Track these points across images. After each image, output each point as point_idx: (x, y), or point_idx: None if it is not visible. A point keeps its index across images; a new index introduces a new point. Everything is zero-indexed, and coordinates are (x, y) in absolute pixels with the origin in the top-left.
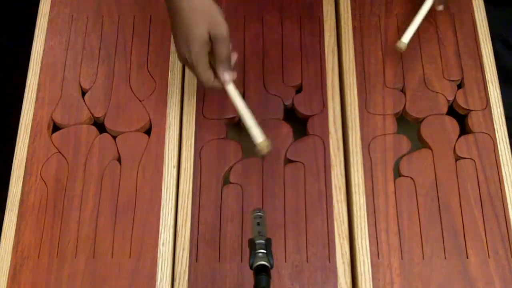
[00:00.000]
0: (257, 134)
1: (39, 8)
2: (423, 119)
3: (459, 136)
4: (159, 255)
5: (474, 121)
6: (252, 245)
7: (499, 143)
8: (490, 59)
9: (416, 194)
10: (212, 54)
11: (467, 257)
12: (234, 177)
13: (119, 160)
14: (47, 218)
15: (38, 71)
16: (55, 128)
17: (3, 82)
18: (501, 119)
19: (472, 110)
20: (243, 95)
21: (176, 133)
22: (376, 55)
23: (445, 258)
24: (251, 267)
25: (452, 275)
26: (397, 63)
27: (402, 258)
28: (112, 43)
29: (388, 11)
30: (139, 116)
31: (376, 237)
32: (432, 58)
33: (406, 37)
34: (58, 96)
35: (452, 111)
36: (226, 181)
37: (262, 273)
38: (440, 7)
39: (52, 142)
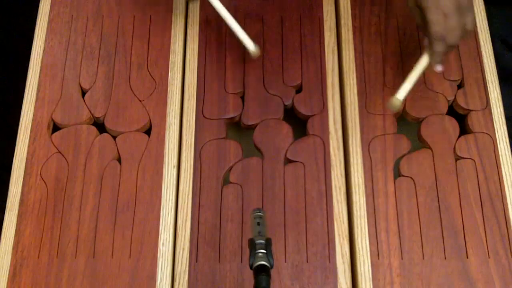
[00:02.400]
0: (249, 42)
1: (39, 8)
2: (423, 119)
3: (459, 136)
4: (159, 255)
5: (474, 121)
6: (252, 245)
7: (499, 143)
8: (490, 59)
9: (416, 194)
10: None
11: (467, 257)
12: (234, 177)
13: (119, 160)
14: (47, 218)
15: (38, 71)
16: (55, 128)
17: (3, 82)
18: (501, 119)
19: (472, 110)
20: (243, 95)
21: (176, 133)
22: (376, 55)
23: (445, 258)
24: (251, 267)
25: (452, 275)
26: (397, 63)
27: (402, 258)
28: (112, 43)
29: (388, 11)
30: (139, 116)
31: (376, 237)
32: None
33: (401, 94)
34: (58, 96)
35: (452, 111)
36: (226, 181)
37: (262, 273)
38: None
39: (52, 142)
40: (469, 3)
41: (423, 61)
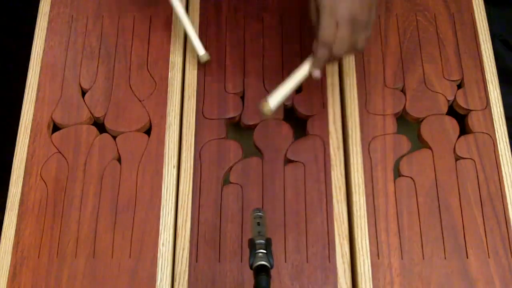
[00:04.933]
0: (199, 46)
1: (39, 8)
2: (423, 119)
3: (459, 136)
4: (159, 255)
5: (474, 121)
6: (252, 245)
7: (499, 143)
8: (490, 59)
9: (416, 194)
10: None
11: (467, 257)
12: (234, 177)
13: (119, 160)
14: (47, 218)
15: (38, 71)
16: (55, 128)
17: (3, 82)
18: (501, 119)
19: (472, 110)
20: (243, 95)
21: (176, 133)
22: (376, 55)
23: (445, 258)
24: (251, 267)
25: (452, 275)
26: (397, 63)
27: (402, 258)
28: (112, 43)
29: (388, 11)
30: (139, 116)
31: (376, 237)
32: (432, 58)
33: (273, 101)
34: (58, 96)
35: (452, 111)
36: (226, 181)
37: (262, 273)
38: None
39: (52, 142)
40: (366, 21)
41: (305, 67)
